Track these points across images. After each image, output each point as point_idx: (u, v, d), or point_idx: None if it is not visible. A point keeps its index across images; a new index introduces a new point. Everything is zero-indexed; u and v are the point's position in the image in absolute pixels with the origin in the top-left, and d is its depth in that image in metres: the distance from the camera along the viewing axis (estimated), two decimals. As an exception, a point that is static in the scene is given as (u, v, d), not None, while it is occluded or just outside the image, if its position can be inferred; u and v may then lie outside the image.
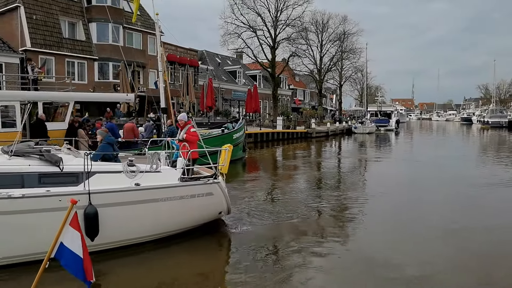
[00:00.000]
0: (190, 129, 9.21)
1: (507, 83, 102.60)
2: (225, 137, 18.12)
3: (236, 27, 40.64)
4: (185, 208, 7.25)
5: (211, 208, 7.79)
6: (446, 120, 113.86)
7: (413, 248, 7.26)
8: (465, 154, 25.56)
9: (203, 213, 7.69)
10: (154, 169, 7.00)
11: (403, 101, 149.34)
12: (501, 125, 57.76)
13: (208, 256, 6.99)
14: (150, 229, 7.03)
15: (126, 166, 6.70)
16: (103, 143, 7.90)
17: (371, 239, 7.84)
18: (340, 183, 14.81)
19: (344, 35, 55.48)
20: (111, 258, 6.46)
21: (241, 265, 6.43)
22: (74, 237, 4.17)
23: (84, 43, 28.77)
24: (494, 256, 6.88)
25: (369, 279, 5.92)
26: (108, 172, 6.75)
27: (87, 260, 4.22)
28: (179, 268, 6.43)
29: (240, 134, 19.58)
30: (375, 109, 58.76)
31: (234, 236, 7.88)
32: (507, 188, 12.96)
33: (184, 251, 7.06)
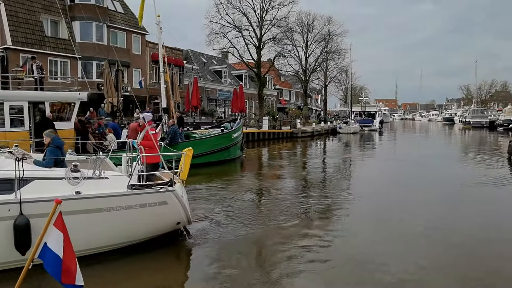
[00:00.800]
0: (148, 132, 8.26)
1: (488, 84, 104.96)
2: (224, 136, 18.58)
3: (222, 26, 40.59)
4: (134, 219, 6.54)
5: (166, 219, 7.05)
6: (428, 120, 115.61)
7: (398, 248, 7.33)
8: (448, 154, 26.00)
9: (157, 224, 6.97)
10: (97, 175, 6.33)
11: (386, 102, 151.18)
12: (482, 125, 58.94)
13: (161, 272, 6.22)
14: (93, 242, 6.31)
15: (68, 172, 6.11)
16: (50, 146, 6.96)
17: (356, 240, 7.88)
18: (325, 184, 14.90)
19: (329, 36, 55.90)
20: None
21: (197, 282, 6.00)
22: (57, 238, 4.09)
23: (67, 42, 28.30)
24: (478, 255, 7.00)
25: (355, 280, 5.97)
26: (48, 179, 6.10)
27: (68, 262, 4.09)
28: (124, 286, 5.86)
29: (239, 134, 19.95)
30: (360, 110, 59.32)
31: (197, 248, 7.23)
32: (491, 187, 13.20)
33: (134, 265, 6.36)
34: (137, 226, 6.72)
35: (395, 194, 12.25)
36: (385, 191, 12.73)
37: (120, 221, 6.39)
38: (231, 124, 20.28)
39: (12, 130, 12.81)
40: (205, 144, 17.75)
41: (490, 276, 6.09)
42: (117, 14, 32.40)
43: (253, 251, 7.31)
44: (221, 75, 49.64)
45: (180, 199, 7.03)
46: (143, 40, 34.52)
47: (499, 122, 53.70)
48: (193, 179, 14.75)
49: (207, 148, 17.64)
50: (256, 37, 41.95)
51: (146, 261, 6.49)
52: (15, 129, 12.92)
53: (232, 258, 6.80)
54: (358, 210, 10.17)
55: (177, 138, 16.52)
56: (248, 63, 43.33)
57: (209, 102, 44.88)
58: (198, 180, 14.50)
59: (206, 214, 9.40)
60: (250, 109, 51.54)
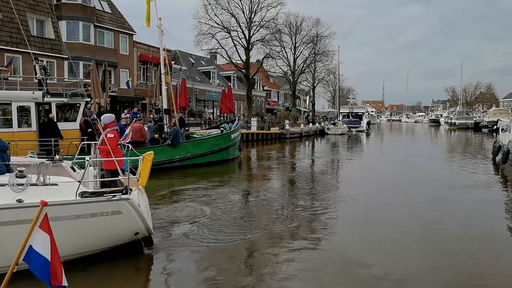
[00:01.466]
0: (107, 134, 7.74)
1: (473, 86, 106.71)
2: (224, 137, 19.05)
3: (210, 27, 40.49)
4: (84, 229, 6.06)
5: (121, 229, 6.50)
6: (415, 121, 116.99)
7: (386, 249, 7.38)
8: (434, 155, 26.33)
9: (111, 234, 6.45)
10: (42, 182, 5.81)
11: (373, 103, 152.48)
12: (467, 127, 59.89)
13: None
14: None
15: (13, 178, 5.64)
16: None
17: (344, 242, 7.93)
18: (313, 185, 14.97)
19: (317, 38, 56.17)
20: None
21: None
22: (44, 240, 4.05)
23: (53, 42, 27.98)
24: (466, 256, 7.10)
25: (342, 281, 6.01)
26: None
27: (55, 264, 4.08)
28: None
29: (237, 134, 20.36)
30: (347, 111, 59.81)
31: (159, 261, 6.72)
32: (477, 189, 13.39)
33: (84, 280, 5.84)
34: (88, 237, 6.22)
35: (382, 196, 12.35)
36: (372, 193, 12.83)
37: (68, 231, 5.79)
38: (230, 125, 20.58)
39: (20, 131, 13.09)
40: (205, 144, 18.09)
41: (480, 277, 6.19)
42: (105, 14, 32.14)
43: (232, 259, 7.00)
44: (209, 75, 49.54)
45: (137, 208, 6.42)
46: (131, 41, 34.30)
47: (484, 123, 54.61)
48: (186, 180, 14.81)
49: (208, 148, 18.02)
50: (245, 38, 41.98)
51: (92, 277, 6.00)
52: (22, 129, 13.22)
53: (198, 270, 6.37)
54: (346, 211, 10.24)
55: (179, 138, 16.78)
56: (236, 64, 43.32)
57: (197, 103, 44.77)
58: (191, 181, 14.48)
59: (185, 218, 9.34)
60: (239, 110, 51.53)
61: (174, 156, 16.57)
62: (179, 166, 16.71)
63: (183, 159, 16.91)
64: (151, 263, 6.74)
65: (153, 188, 13.27)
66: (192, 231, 8.07)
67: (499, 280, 6.03)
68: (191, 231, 8.07)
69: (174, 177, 15.29)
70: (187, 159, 17.01)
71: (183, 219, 8.98)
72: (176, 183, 14.23)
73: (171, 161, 16.49)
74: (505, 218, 9.70)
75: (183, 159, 16.88)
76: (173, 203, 10.89)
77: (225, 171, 17.33)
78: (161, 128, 18.39)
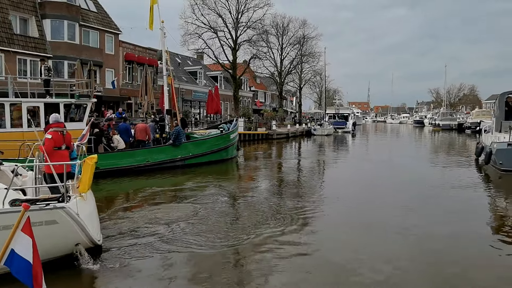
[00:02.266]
0: (47, 136, 7.40)
1: (457, 87, 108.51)
2: (224, 137, 19.44)
3: (197, 27, 40.35)
4: None
5: (58, 240, 5.92)
6: (399, 122, 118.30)
7: (373, 250, 7.44)
8: (419, 155, 26.70)
9: (46, 246, 5.68)
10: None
11: (359, 104, 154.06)
12: (451, 128, 60.80)
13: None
14: None
15: None
16: None
17: (330, 244, 7.95)
18: (299, 186, 15.03)
19: (303, 39, 56.44)
20: None
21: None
22: (26, 243, 3.99)
23: (37, 40, 27.53)
24: (450, 256, 7.19)
25: (331, 282, 6.04)
26: None
27: (36, 267, 4.04)
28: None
29: (235, 135, 20.79)
30: (333, 112, 60.21)
31: (96, 274, 6.06)
32: (461, 189, 13.59)
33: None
34: None
35: (367, 196, 12.45)
36: (357, 193, 12.94)
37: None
38: (228, 125, 20.96)
39: (29, 130, 13.14)
40: (206, 144, 18.46)
41: (464, 278, 6.28)
42: (90, 13, 31.75)
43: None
44: (196, 76, 49.35)
45: (75, 217, 5.84)
46: (117, 40, 33.96)
47: (467, 124, 55.52)
48: (182, 179, 14.86)
49: (208, 148, 18.37)
50: (232, 39, 41.95)
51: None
52: (31, 129, 13.26)
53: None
54: (332, 213, 10.27)
55: (181, 138, 17.12)
56: (223, 65, 43.25)
57: (184, 103, 44.53)
58: (182, 181, 14.42)
59: (162, 222, 9.26)
60: (226, 111, 51.45)
61: (176, 156, 16.89)
62: (180, 165, 17.03)
63: (185, 159, 17.23)
64: (89, 277, 6.05)
65: (141, 187, 13.18)
66: (160, 237, 7.67)
67: (484, 278, 6.14)
68: (160, 237, 7.65)
69: (169, 176, 15.44)
70: (188, 158, 17.35)
71: (160, 223, 8.79)
72: (166, 183, 14.28)
73: (173, 160, 16.82)
74: (487, 217, 9.87)
75: (184, 158, 17.21)
76: (157, 204, 10.81)
77: (223, 171, 17.66)
78: (162, 128, 18.63)
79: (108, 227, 8.22)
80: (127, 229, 8.20)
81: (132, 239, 7.54)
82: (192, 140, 18.44)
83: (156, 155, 16.33)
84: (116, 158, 15.12)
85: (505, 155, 15.30)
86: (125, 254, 6.77)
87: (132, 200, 11.78)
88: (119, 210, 10.05)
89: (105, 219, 8.80)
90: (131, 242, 7.36)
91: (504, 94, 18.54)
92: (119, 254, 6.77)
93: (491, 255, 7.15)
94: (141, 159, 15.79)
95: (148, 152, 16.24)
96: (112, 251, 6.90)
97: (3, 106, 13.63)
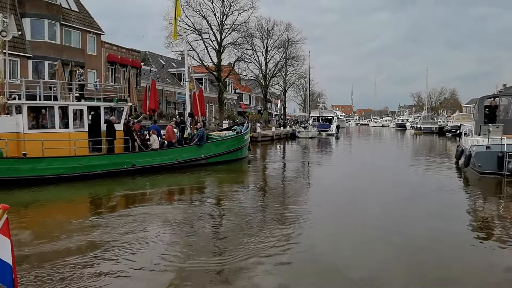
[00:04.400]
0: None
1: (438, 91, 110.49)
2: (239, 138, 21.15)
3: (181, 29, 40.12)
4: None
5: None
6: (382, 126, 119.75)
7: (358, 252, 7.49)
8: (401, 158, 27.06)
9: None
10: None
11: (343, 107, 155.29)
12: (432, 131, 61.80)
13: None
14: None
15: None
16: None
17: (317, 248, 7.96)
18: (284, 190, 15.05)
19: (288, 42, 56.71)
20: None
21: None
22: (4, 245, 3.88)
23: (16, 39, 26.90)
24: (431, 255, 7.27)
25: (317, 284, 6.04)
26: None
27: (15, 269, 3.94)
28: None
29: (248, 136, 22.70)
30: (317, 115, 60.53)
31: None
32: (441, 191, 13.80)
33: None
34: None
35: (352, 198, 12.55)
36: (341, 196, 13.03)
37: None
38: (240, 127, 22.69)
39: (75, 131, 15.19)
40: (225, 144, 20.19)
41: (445, 278, 6.36)
42: (72, 12, 31.24)
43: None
44: (180, 78, 49.01)
45: None
46: (99, 41, 33.49)
47: (448, 128, 56.51)
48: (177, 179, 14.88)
49: (226, 148, 20.12)
50: (216, 41, 41.88)
51: None
52: (77, 129, 15.32)
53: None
54: (316, 216, 10.29)
55: (205, 139, 18.82)
56: (208, 67, 43.11)
57: (167, 105, 44.19)
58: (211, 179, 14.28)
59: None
60: (210, 113, 51.22)
61: (200, 155, 18.60)
62: (204, 163, 18.59)
63: (207, 157, 18.89)
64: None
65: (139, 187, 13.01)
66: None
67: (464, 276, 6.23)
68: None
69: (196, 174, 16.91)
70: (210, 157, 18.99)
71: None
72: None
73: (198, 159, 18.52)
74: (466, 218, 10.04)
75: (207, 157, 18.87)
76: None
77: (237, 169, 19.21)
78: (183, 129, 20.35)
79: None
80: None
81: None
82: (212, 141, 19.83)
83: (184, 154, 18.01)
84: (151, 157, 16.71)
85: (484, 158, 15.61)
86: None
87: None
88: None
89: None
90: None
91: (483, 98, 18.94)
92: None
93: (470, 253, 7.31)
94: (171, 157, 17.45)
95: (177, 151, 17.93)
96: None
97: (53, 109, 14.84)
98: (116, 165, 15.29)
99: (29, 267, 6.21)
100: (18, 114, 14.37)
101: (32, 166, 13.43)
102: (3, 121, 14.13)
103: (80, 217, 9.56)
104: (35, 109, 14.74)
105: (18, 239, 7.33)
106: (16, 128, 14.12)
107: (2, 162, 13.07)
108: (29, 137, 14.07)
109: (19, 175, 13.06)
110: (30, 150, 13.69)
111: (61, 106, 15.08)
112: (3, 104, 14.55)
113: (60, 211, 10.75)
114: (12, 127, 14.07)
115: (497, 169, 15.15)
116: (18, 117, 14.27)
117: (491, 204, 11.71)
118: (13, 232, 6.19)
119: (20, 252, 6.57)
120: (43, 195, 12.18)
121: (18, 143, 13.97)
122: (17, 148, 13.89)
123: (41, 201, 11.62)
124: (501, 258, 7.11)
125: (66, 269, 6.18)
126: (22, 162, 13.44)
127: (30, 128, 14.33)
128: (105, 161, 15.13)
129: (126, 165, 15.56)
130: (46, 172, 13.56)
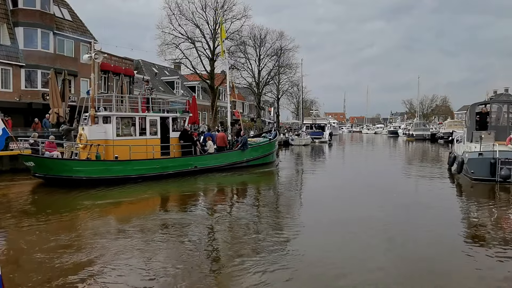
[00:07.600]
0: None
1: (429, 98, 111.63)
2: (271, 144, 24.10)
3: (174, 37, 40.26)
4: None
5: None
6: (374, 133, 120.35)
7: (353, 260, 7.51)
8: (393, 164, 27.15)
9: None
10: None
11: (335, 115, 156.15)
12: (424, 138, 62.25)
13: None
14: None
15: None
16: None
17: (311, 256, 7.98)
18: (277, 197, 15.05)
19: (280, 51, 57.00)
20: None
21: None
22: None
23: (9, 48, 26.84)
24: (423, 261, 7.32)
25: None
26: None
27: (3, 278, 3.92)
28: None
29: (277, 143, 25.78)
30: (310, 122, 60.72)
31: None
32: (434, 197, 13.90)
33: None
34: None
35: (345, 204, 12.59)
36: (335, 203, 13.06)
37: None
38: (269, 135, 25.97)
39: (151, 138, 17.81)
40: (261, 149, 23.06)
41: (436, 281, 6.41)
42: (65, 21, 31.24)
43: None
44: (173, 86, 49.05)
45: None
46: (92, 49, 33.40)
47: (440, 134, 56.99)
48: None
49: (262, 152, 22.93)
50: (209, 49, 42.00)
51: None
52: (152, 136, 17.92)
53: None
54: (310, 223, 10.34)
55: (247, 144, 21.54)
56: (201, 75, 43.19)
57: (161, 114, 44.06)
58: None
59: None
60: (204, 121, 51.20)
61: (243, 158, 21.42)
62: (246, 165, 21.35)
63: (248, 160, 21.73)
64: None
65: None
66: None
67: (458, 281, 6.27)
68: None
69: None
70: (250, 160, 21.84)
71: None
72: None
73: (241, 162, 21.30)
74: (459, 223, 10.12)
75: (248, 160, 21.73)
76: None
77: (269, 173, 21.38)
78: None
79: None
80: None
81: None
82: (252, 146, 22.31)
83: (231, 157, 20.91)
84: (208, 160, 19.81)
85: (476, 164, 15.76)
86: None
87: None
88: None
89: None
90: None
91: (475, 105, 19.17)
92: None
93: (463, 258, 7.37)
94: (222, 160, 20.41)
95: (226, 155, 20.82)
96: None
97: (134, 119, 17.63)
98: (183, 166, 18.20)
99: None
100: (105, 124, 16.75)
101: (122, 168, 16.01)
102: (95, 130, 16.35)
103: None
104: (121, 119, 17.25)
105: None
106: (105, 135, 16.44)
107: (102, 164, 15.62)
108: (118, 143, 16.55)
109: (111, 175, 15.48)
110: (118, 154, 16.23)
111: (141, 116, 17.90)
112: (93, 115, 16.61)
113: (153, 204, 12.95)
114: (101, 134, 16.36)
115: (489, 176, 15.30)
116: (106, 126, 16.62)
117: (484, 211, 11.80)
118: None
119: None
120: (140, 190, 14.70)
121: (108, 148, 16.21)
122: (107, 153, 16.16)
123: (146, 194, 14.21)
124: (495, 264, 7.16)
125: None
126: (116, 164, 15.99)
127: (117, 135, 16.78)
128: (175, 163, 17.95)
129: (190, 167, 18.39)
130: (132, 172, 16.15)
